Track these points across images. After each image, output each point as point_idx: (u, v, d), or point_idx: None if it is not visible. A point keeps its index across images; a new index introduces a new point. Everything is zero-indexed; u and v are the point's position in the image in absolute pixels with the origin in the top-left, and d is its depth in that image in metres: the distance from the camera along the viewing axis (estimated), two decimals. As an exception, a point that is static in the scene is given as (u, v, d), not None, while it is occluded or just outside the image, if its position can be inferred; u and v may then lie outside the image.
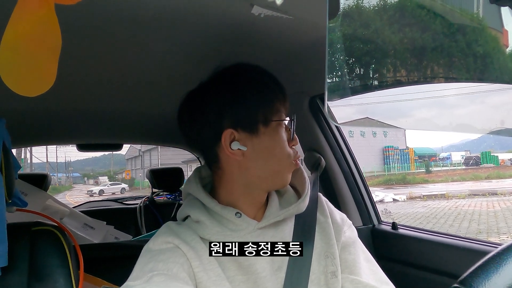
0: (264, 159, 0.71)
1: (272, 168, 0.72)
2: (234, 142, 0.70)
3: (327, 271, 0.71)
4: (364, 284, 0.70)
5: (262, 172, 0.72)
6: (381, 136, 27.87)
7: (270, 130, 0.71)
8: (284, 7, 0.77)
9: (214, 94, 0.72)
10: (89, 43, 0.92)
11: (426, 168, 26.07)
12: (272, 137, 0.71)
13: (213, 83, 0.74)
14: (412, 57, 0.71)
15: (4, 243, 0.82)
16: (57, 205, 1.66)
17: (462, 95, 0.82)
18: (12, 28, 0.45)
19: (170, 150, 20.38)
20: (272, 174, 0.73)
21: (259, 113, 0.70)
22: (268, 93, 0.72)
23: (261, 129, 0.70)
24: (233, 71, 0.74)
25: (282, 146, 0.72)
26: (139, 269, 0.64)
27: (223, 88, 0.72)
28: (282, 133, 0.73)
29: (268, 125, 0.71)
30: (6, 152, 0.85)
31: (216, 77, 0.74)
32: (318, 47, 0.98)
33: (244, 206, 0.73)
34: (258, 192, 0.74)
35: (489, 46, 0.62)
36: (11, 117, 0.97)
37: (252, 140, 0.70)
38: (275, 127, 0.72)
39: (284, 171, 0.74)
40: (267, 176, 0.72)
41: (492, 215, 8.38)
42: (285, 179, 0.75)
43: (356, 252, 0.76)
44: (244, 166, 0.71)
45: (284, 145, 0.72)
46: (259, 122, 0.70)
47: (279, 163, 0.72)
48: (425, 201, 11.71)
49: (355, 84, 0.77)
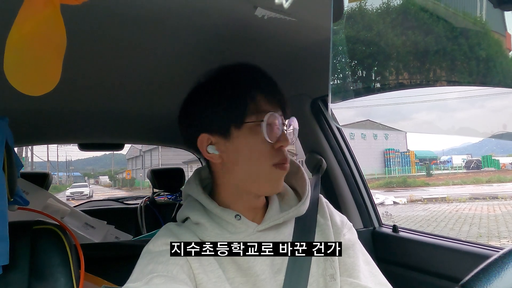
0: (240, 162, 0.69)
1: (251, 172, 0.69)
2: (209, 146, 0.70)
3: (326, 274, 0.71)
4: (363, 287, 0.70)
5: (243, 176, 0.70)
6: (382, 138, 27.84)
7: (244, 133, 0.68)
8: (288, 9, 0.77)
9: (195, 97, 0.73)
10: (91, 43, 0.92)
11: (427, 171, 26.02)
12: (246, 140, 0.68)
13: (196, 88, 0.74)
14: (415, 60, 0.71)
15: (6, 242, 0.82)
16: (58, 204, 1.66)
17: (464, 98, 0.83)
18: (17, 28, 0.46)
19: (171, 150, 20.37)
20: (253, 179, 0.70)
21: (229, 116, 0.68)
22: (240, 94, 0.69)
23: (234, 132, 0.68)
24: (213, 74, 0.74)
25: (258, 148, 0.68)
26: (139, 271, 0.64)
27: (201, 91, 0.73)
28: (262, 134, 0.67)
29: (241, 128, 0.68)
30: (8, 150, 0.86)
31: (198, 82, 0.75)
32: (320, 49, 0.98)
33: (241, 209, 0.72)
34: (249, 197, 0.72)
35: (492, 49, 0.62)
36: (13, 115, 0.97)
37: (226, 144, 0.69)
38: (250, 129, 0.68)
39: (266, 176, 0.69)
40: (249, 181, 0.70)
41: (492, 219, 8.36)
42: (269, 185, 0.71)
43: (356, 255, 0.75)
44: (226, 169, 0.71)
45: (261, 148, 0.68)
46: (231, 126, 0.68)
47: (257, 168, 0.69)
48: (426, 204, 11.69)
49: (358, 86, 0.77)
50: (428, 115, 0.77)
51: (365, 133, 26.08)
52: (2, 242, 0.81)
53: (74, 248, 0.99)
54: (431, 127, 0.77)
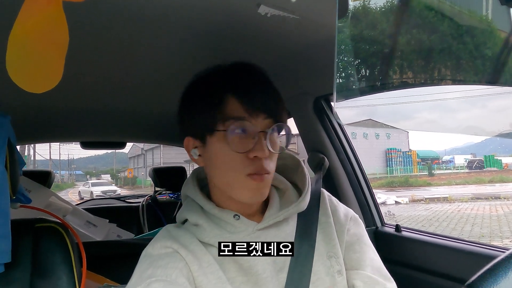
0: (217, 170, 0.68)
1: (226, 180, 0.68)
2: (193, 149, 0.71)
3: (334, 271, 0.71)
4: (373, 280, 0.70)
5: (221, 183, 0.69)
6: (384, 138, 27.80)
7: (216, 140, 0.66)
8: (291, 7, 0.76)
9: (182, 100, 0.73)
10: (93, 41, 0.92)
11: (429, 171, 25.97)
12: (218, 147, 0.66)
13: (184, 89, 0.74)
14: (420, 59, 0.70)
15: (8, 239, 0.82)
16: (60, 202, 1.66)
17: (469, 98, 0.82)
18: (19, 25, 0.45)
19: (173, 149, 20.38)
20: (230, 187, 0.68)
21: (203, 121, 0.67)
22: (212, 98, 0.66)
23: (208, 138, 0.67)
24: (196, 76, 0.73)
25: (229, 159, 0.65)
26: (138, 276, 0.63)
27: (185, 95, 0.73)
28: (233, 142, 0.64)
29: (212, 135, 0.66)
30: (11, 148, 0.85)
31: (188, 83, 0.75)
32: (323, 48, 0.97)
33: (238, 209, 0.71)
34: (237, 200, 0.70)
35: (498, 48, 0.62)
36: (15, 114, 0.97)
37: (203, 149, 0.70)
38: (222, 136, 0.65)
39: (241, 185, 0.66)
40: (228, 188, 0.68)
41: (495, 219, 8.34)
42: (246, 194, 0.66)
43: (361, 250, 0.75)
44: (209, 172, 0.72)
45: (232, 157, 0.64)
46: (205, 132, 0.67)
47: (229, 174, 0.66)
48: (428, 204, 11.67)
49: (362, 85, 0.76)
50: (431, 114, 0.76)
51: (367, 133, 26.04)
52: (4, 239, 0.81)
53: (76, 246, 0.99)
54: (433, 126, 0.77)
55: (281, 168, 0.80)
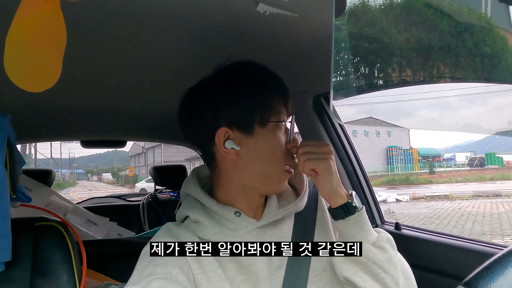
0: (258, 160, 0.70)
1: (265, 170, 0.71)
2: (228, 141, 0.69)
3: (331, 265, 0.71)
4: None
5: (256, 174, 0.71)
6: (384, 136, 27.75)
7: (266, 131, 0.70)
8: (290, 5, 0.76)
9: (212, 91, 0.72)
10: (93, 40, 0.92)
11: (430, 168, 25.94)
12: (268, 139, 0.70)
13: (212, 81, 0.73)
14: (418, 56, 0.70)
15: (8, 238, 0.82)
16: (60, 201, 1.67)
17: (468, 95, 0.82)
18: (18, 24, 0.45)
19: (174, 147, 20.40)
20: (265, 177, 0.71)
21: (256, 113, 0.69)
22: (267, 93, 0.71)
23: (257, 129, 0.69)
24: (233, 69, 0.74)
25: (277, 148, 0.71)
26: (138, 273, 0.64)
27: (221, 86, 0.71)
28: (280, 134, 0.71)
29: (265, 126, 0.70)
30: (10, 147, 0.86)
31: (215, 75, 0.74)
32: (322, 46, 0.97)
33: (242, 206, 0.73)
34: (254, 195, 0.74)
35: (497, 46, 0.62)
36: (16, 113, 0.97)
37: (247, 140, 0.69)
38: (272, 129, 0.70)
39: (278, 175, 0.72)
40: (261, 179, 0.71)
41: (496, 216, 8.33)
42: (278, 184, 0.73)
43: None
44: (238, 166, 0.71)
45: (279, 148, 0.71)
46: (256, 123, 0.69)
47: (272, 166, 0.71)
48: (428, 202, 11.66)
49: (360, 83, 0.76)
50: (431, 112, 0.76)
51: (367, 130, 26.00)
52: (4, 238, 0.81)
53: (77, 244, 1.00)
54: (433, 124, 0.77)
55: None
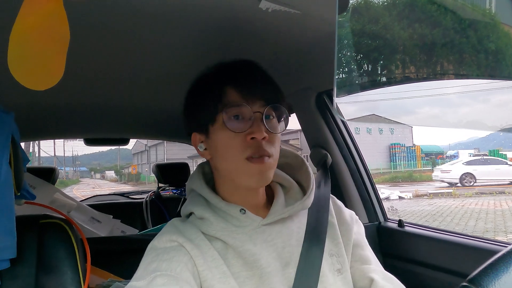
0: (218, 158, 0.71)
1: (229, 167, 0.70)
2: (200, 144, 0.74)
3: (334, 269, 0.72)
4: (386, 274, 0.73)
5: (225, 171, 0.72)
6: (387, 133, 27.66)
7: (217, 128, 0.69)
8: (292, 2, 0.76)
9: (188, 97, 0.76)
10: (96, 38, 0.92)
11: (433, 166, 25.84)
12: (219, 135, 0.69)
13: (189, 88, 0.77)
14: (422, 53, 0.70)
15: (13, 235, 0.83)
16: (64, 198, 1.68)
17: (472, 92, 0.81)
18: (21, 23, 0.46)
19: (176, 145, 20.42)
20: (232, 173, 0.70)
21: (206, 113, 0.70)
22: (213, 91, 0.70)
23: (210, 128, 0.71)
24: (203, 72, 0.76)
25: (228, 144, 0.68)
26: (143, 269, 0.64)
27: (191, 91, 0.76)
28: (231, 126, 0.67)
29: (214, 124, 0.70)
30: (14, 145, 0.86)
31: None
32: (325, 43, 0.97)
33: (244, 203, 0.72)
34: (244, 191, 0.72)
35: (501, 42, 0.61)
36: (19, 110, 0.98)
37: (207, 141, 0.72)
38: (221, 123, 0.68)
39: (241, 169, 0.68)
40: (232, 175, 0.70)
41: (499, 213, 8.30)
42: (249, 179, 0.68)
43: (366, 247, 0.79)
44: (214, 166, 0.74)
45: (231, 142, 0.67)
46: (208, 122, 0.70)
47: (230, 161, 0.69)
48: (431, 199, 11.62)
49: (364, 80, 0.76)
50: (433, 109, 0.76)
51: (370, 128, 25.93)
52: (9, 235, 0.82)
53: (81, 242, 1.00)
54: (436, 121, 0.76)
55: (284, 166, 0.81)
